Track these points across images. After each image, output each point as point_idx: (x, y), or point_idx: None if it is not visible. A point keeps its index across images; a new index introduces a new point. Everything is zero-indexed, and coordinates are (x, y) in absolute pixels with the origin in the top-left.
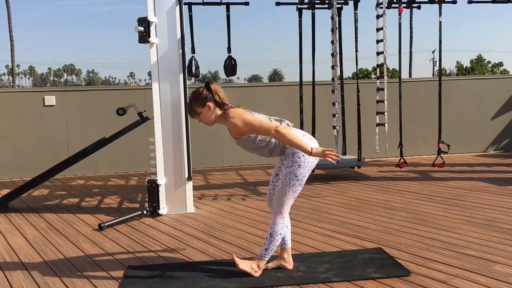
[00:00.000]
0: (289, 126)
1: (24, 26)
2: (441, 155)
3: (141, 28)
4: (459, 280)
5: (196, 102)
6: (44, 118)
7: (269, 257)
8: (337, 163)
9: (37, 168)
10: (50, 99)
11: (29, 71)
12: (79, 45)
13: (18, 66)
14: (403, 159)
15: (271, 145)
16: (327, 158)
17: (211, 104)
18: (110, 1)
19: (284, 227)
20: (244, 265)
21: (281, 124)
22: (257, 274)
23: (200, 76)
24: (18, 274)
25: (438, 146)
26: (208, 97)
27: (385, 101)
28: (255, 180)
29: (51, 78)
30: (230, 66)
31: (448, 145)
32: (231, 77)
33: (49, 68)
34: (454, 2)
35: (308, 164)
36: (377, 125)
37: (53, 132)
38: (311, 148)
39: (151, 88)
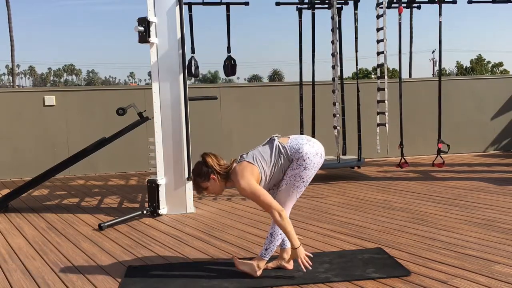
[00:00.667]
0: (279, 137)
1: (24, 26)
2: (441, 155)
3: (141, 28)
4: (459, 280)
5: (200, 178)
6: (44, 118)
7: (269, 257)
8: (338, 163)
9: (37, 168)
10: (50, 99)
11: (29, 71)
12: (79, 45)
13: (18, 66)
14: (404, 159)
15: (282, 167)
16: (299, 261)
17: (214, 176)
18: (110, 1)
19: None
20: (244, 266)
21: (275, 141)
22: (257, 274)
23: (200, 76)
24: (18, 274)
25: (438, 146)
26: (209, 171)
27: (386, 101)
28: None
29: (51, 78)
30: (230, 66)
31: (448, 145)
32: (230, 77)
33: (49, 68)
34: (454, 2)
35: (314, 165)
36: (378, 125)
37: (53, 132)
38: (299, 245)
39: (151, 88)
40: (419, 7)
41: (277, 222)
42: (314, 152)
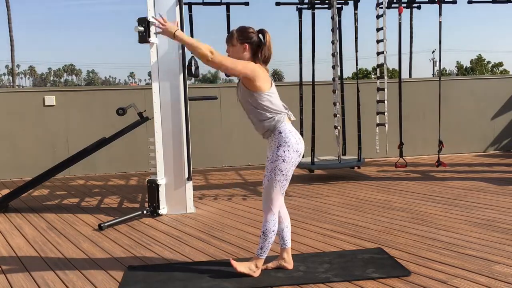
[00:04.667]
0: (290, 119)
1: (24, 26)
2: (440, 155)
3: (141, 28)
4: (459, 280)
5: (239, 35)
6: (44, 118)
7: (266, 255)
8: (338, 163)
9: (37, 168)
10: (50, 99)
11: (29, 71)
12: (79, 45)
13: (18, 66)
14: (403, 159)
15: (264, 123)
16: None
17: (248, 46)
18: (110, 1)
19: (276, 223)
20: (242, 267)
21: (287, 111)
22: (256, 274)
23: (200, 76)
24: (18, 274)
25: (439, 146)
26: (253, 40)
27: (385, 101)
28: (255, 180)
29: (51, 78)
30: None
31: (442, 143)
32: (230, 77)
33: (49, 68)
34: (454, 2)
35: (292, 160)
36: (377, 125)
37: (53, 132)
38: (173, 30)
39: (151, 88)
40: (419, 7)
41: (203, 45)
42: (296, 148)
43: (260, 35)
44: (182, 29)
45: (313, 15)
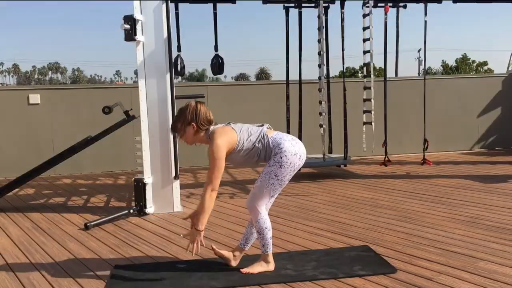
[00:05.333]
0: (269, 129)
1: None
2: (425, 153)
3: (127, 26)
4: (444, 277)
5: (180, 119)
6: (28, 116)
7: (271, 248)
8: (323, 162)
9: (22, 167)
10: (35, 98)
11: (13, 69)
12: (64, 43)
13: (1, 64)
14: (387, 157)
15: (258, 152)
16: (190, 242)
17: (194, 124)
18: None
19: (266, 219)
20: (255, 268)
21: (263, 127)
22: (272, 267)
23: (187, 74)
24: (2, 274)
25: (425, 144)
26: (193, 117)
27: (372, 100)
28: (243, 178)
29: (36, 76)
30: (218, 65)
31: (427, 142)
32: (218, 76)
33: (33, 66)
34: (439, 1)
35: (291, 165)
36: (364, 123)
37: (38, 131)
38: (202, 230)
39: (138, 87)
40: (404, 6)
41: (205, 196)
42: (293, 151)
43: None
44: (168, 27)
45: (300, 13)
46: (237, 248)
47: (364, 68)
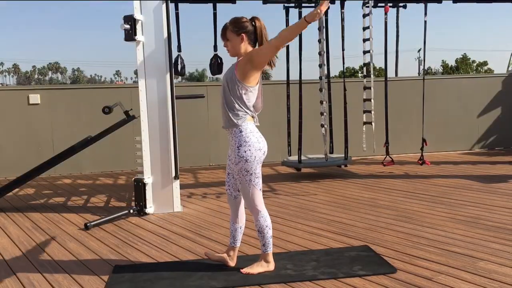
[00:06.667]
0: (253, 119)
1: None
2: (423, 153)
3: (127, 26)
4: (444, 277)
5: (234, 27)
6: (28, 116)
7: (271, 248)
8: (325, 161)
9: (22, 167)
10: (35, 98)
11: (13, 69)
12: (64, 43)
13: (2, 64)
14: (390, 157)
15: (234, 114)
16: (321, 9)
17: (245, 36)
18: None
19: (267, 218)
20: (255, 269)
21: (254, 115)
22: (272, 267)
23: (187, 74)
24: (2, 274)
25: (423, 144)
26: (248, 29)
27: (372, 100)
28: None
29: (36, 76)
30: (217, 65)
31: (425, 142)
32: (217, 76)
33: (33, 66)
34: (439, 1)
35: (256, 158)
36: (364, 123)
37: (38, 131)
38: (304, 18)
39: (138, 87)
40: (404, 7)
41: (285, 35)
42: (258, 147)
43: (253, 22)
44: (168, 27)
45: (300, 13)
46: (229, 248)
47: (364, 68)
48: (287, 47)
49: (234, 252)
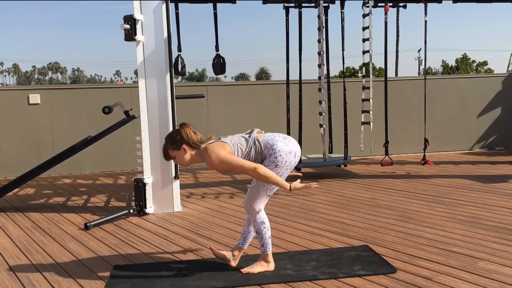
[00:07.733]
0: (260, 132)
1: (8, 24)
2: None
3: (127, 26)
4: (444, 277)
5: (171, 146)
6: (28, 116)
7: (270, 248)
8: (324, 161)
9: (22, 167)
10: (35, 97)
11: (13, 69)
12: (64, 43)
13: (1, 64)
14: (389, 157)
15: (252, 158)
16: (305, 189)
17: (185, 147)
18: None
19: (264, 219)
20: (255, 268)
21: (251, 134)
22: (272, 267)
23: (187, 74)
24: (2, 274)
25: (425, 144)
26: (182, 140)
27: (371, 100)
28: (242, 178)
29: (36, 76)
30: (219, 65)
31: (427, 141)
32: (218, 75)
33: (33, 66)
34: (439, 1)
35: (286, 163)
36: (362, 123)
37: (38, 131)
38: (290, 185)
39: (138, 87)
40: (404, 7)
41: (258, 177)
42: (287, 150)
43: (179, 133)
44: (168, 27)
45: (300, 13)
46: (236, 248)
47: (364, 68)
48: (287, 47)
49: (239, 254)
